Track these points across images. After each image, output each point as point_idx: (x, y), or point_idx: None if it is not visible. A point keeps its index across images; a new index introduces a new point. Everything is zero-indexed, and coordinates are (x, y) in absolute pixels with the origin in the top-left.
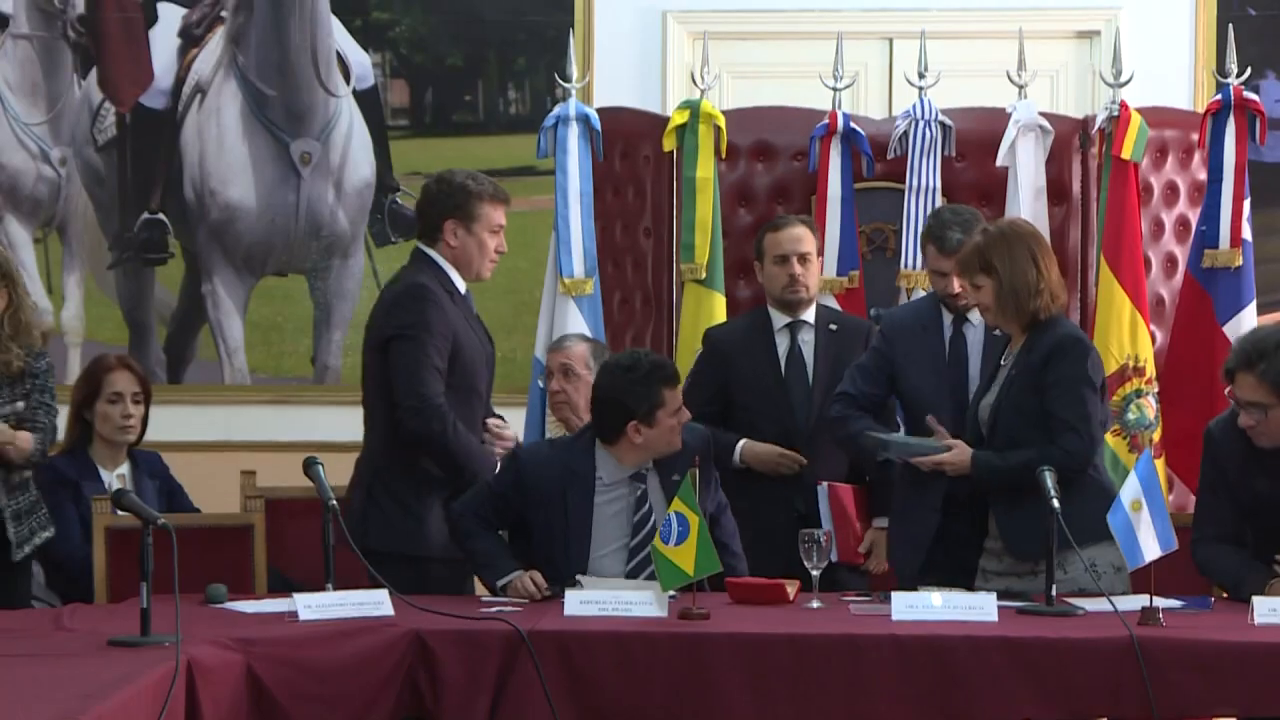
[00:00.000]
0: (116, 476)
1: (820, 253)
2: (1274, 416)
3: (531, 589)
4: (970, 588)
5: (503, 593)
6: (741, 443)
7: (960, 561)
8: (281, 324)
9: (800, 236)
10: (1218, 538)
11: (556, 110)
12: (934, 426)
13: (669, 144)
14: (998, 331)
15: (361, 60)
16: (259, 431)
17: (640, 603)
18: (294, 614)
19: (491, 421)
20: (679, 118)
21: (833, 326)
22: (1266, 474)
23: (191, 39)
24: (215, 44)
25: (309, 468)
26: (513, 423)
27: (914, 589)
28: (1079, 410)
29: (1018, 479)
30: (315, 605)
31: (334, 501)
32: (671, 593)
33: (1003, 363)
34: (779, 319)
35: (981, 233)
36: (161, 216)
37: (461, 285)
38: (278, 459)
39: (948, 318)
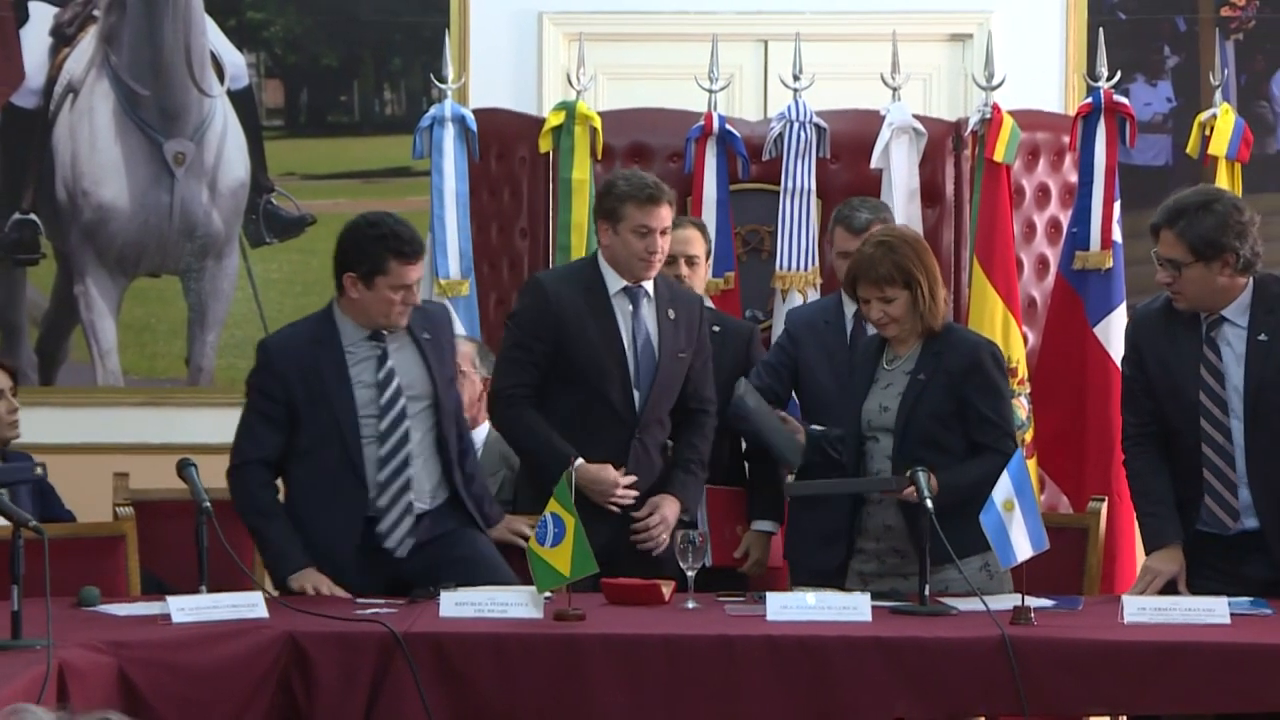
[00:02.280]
0: None
1: (708, 255)
2: (1187, 275)
3: (324, 590)
4: (841, 588)
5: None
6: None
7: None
8: (155, 325)
9: (688, 239)
10: (1140, 430)
11: (432, 111)
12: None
13: (545, 145)
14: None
15: (236, 60)
16: (132, 433)
17: (516, 604)
18: (167, 617)
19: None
20: (555, 119)
21: (715, 328)
22: (1179, 351)
23: (63, 38)
24: (87, 43)
25: (182, 469)
26: None
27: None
28: (1008, 415)
29: (973, 494)
30: (188, 608)
31: (208, 503)
32: (547, 593)
33: (887, 366)
34: None
35: (881, 245)
36: (33, 217)
37: (615, 284)
38: (151, 461)
39: (849, 309)
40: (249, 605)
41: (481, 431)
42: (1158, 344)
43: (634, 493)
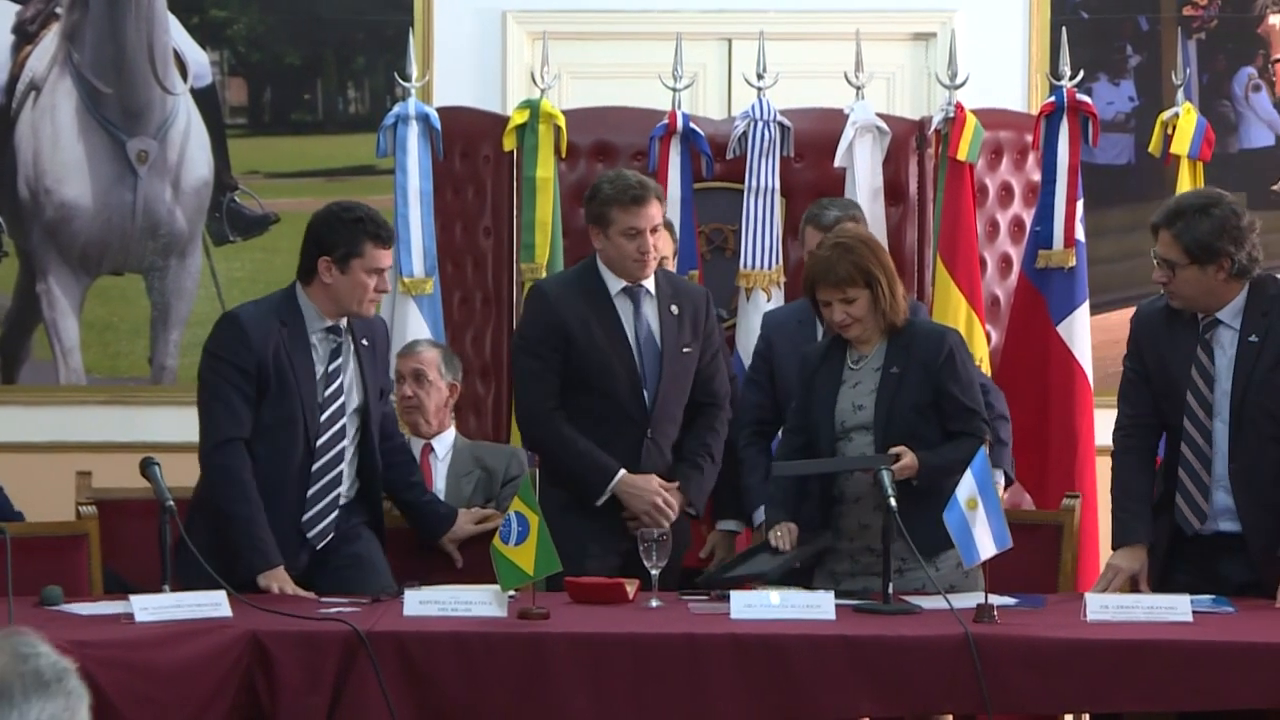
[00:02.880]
0: None
1: (674, 254)
2: (1181, 276)
3: (289, 592)
4: (809, 587)
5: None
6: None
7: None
8: (117, 324)
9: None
10: (1133, 422)
11: (396, 109)
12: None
13: (509, 143)
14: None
15: (199, 58)
16: (95, 432)
17: (479, 602)
18: (130, 616)
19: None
20: (519, 117)
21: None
22: (1175, 348)
23: (25, 36)
24: (50, 41)
25: (146, 468)
26: None
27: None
28: (980, 400)
29: (948, 477)
30: (151, 607)
31: (171, 502)
32: (511, 592)
33: (853, 365)
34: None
35: (839, 248)
36: None
37: (616, 285)
38: (114, 460)
39: None
40: (212, 604)
41: (449, 436)
42: (1158, 341)
43: (674, 511)
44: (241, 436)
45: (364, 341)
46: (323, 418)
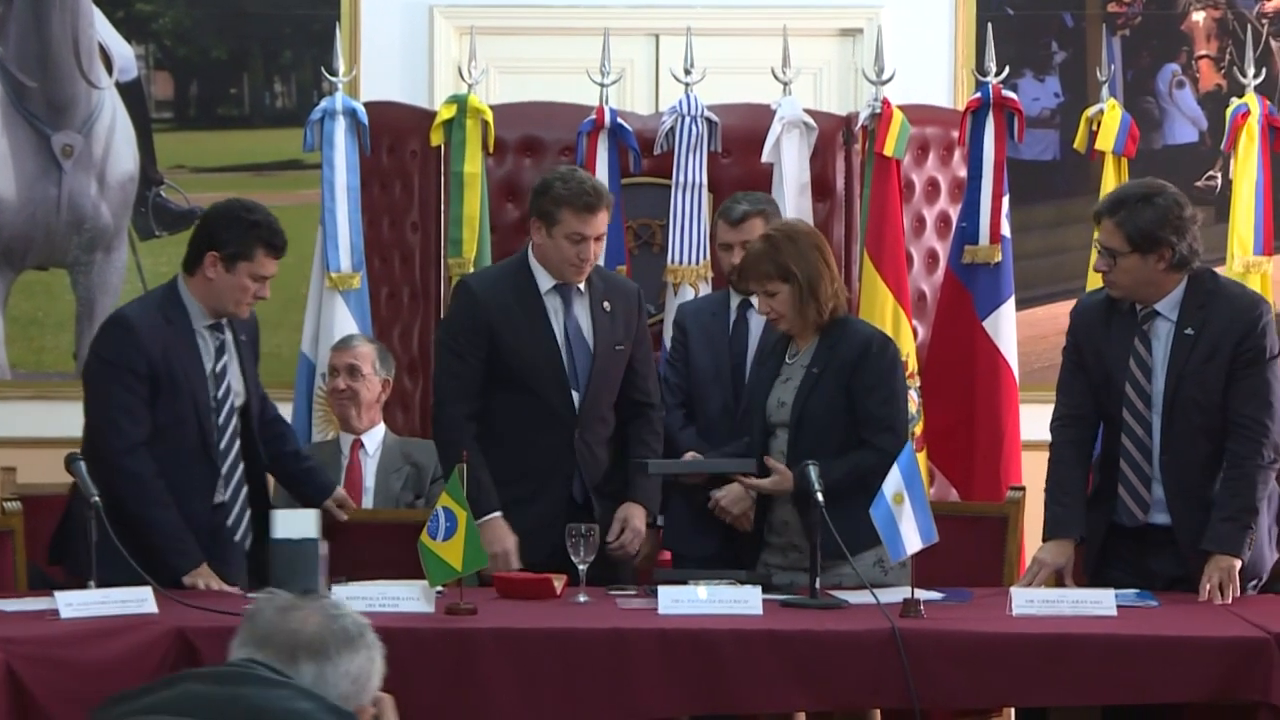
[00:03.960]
0: None
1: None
2: (1122, 264)
3: (214, 587)
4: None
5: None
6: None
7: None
8: (42, 319)
9: None
10: (1070, 413)
11: (323, 104)
12: (773, 467)
13: (436, 139)
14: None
15: (124, 52)
16: (19, 428)
17: (407, 598)
18: (55, 612)
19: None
20: (446, 112)
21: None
22: (1113, 340)
23: None
24: None
25: (71, 464)
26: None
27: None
28: (894, 410)
29: (844, 489)
30: (76, 603)
31: (96, 498)
32: (439, 587)
33: (789, 360)
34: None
35: (765, 241)
36: None
37: (546, 282)
38: (39, 455)
39: (735, 300)
40: (138, 601)
41: (379, 432)
42: (1094, 333)
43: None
44: (144, 441)
45: (243, 338)
46: (220, 419)
